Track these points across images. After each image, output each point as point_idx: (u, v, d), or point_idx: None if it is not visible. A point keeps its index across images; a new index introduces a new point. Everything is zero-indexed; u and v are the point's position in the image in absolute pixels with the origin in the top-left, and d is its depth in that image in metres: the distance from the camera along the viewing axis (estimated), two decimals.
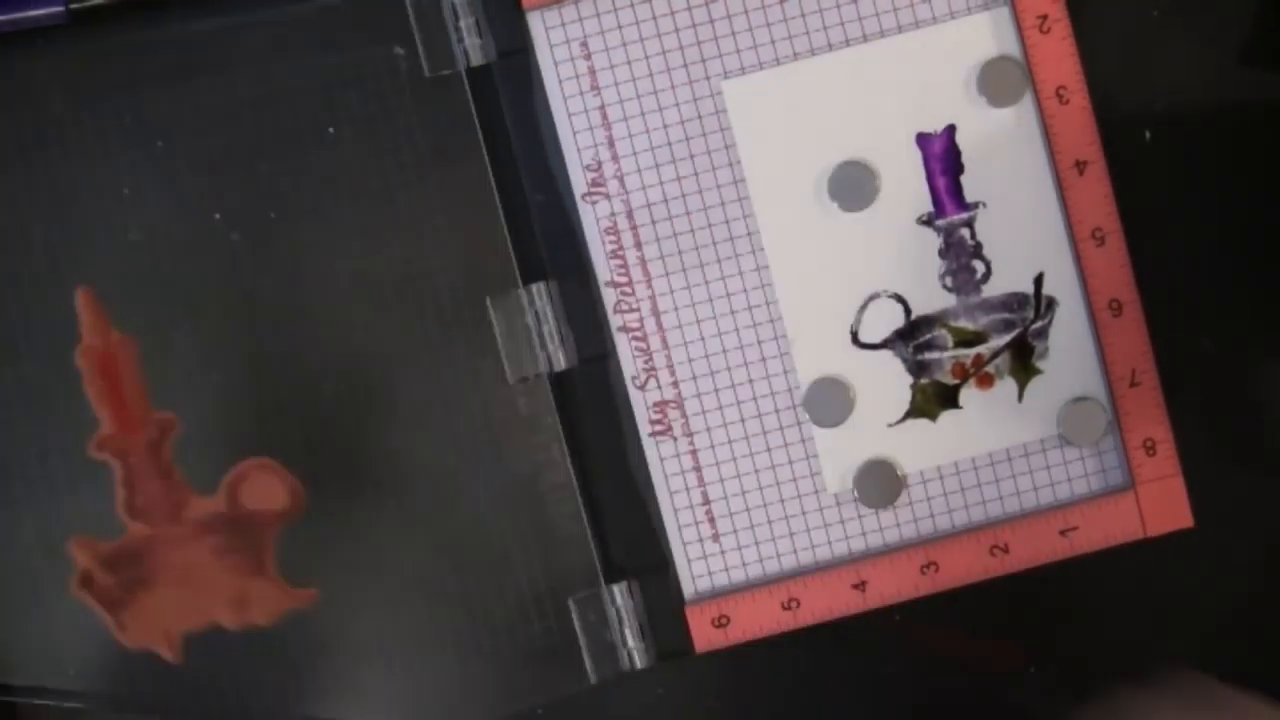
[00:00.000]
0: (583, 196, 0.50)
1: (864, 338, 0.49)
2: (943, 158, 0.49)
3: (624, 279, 0.50)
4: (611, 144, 0.49)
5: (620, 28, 0.49)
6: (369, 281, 0.50)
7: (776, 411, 0.50)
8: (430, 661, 0.50)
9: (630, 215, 0.49)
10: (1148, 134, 0.50)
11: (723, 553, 0.50)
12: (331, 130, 0.50)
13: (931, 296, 0.49)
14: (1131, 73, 0.44)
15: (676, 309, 0.50)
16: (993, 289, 0.49)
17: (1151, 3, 0.50)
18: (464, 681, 0.50)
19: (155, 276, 0.49)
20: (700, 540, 0.50)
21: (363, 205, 0.50)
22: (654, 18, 0.49)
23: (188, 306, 0.50)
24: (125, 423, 0.49)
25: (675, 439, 0.50)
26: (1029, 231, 0.49)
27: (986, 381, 0.49)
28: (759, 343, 0.50)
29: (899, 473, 0.49)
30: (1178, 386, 0.49)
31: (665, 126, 0.49)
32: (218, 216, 0.50)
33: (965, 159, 0.49)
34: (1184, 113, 0.49)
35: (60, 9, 0.49)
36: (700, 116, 0.49)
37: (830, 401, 0.49)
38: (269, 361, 0.50)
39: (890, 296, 0.49)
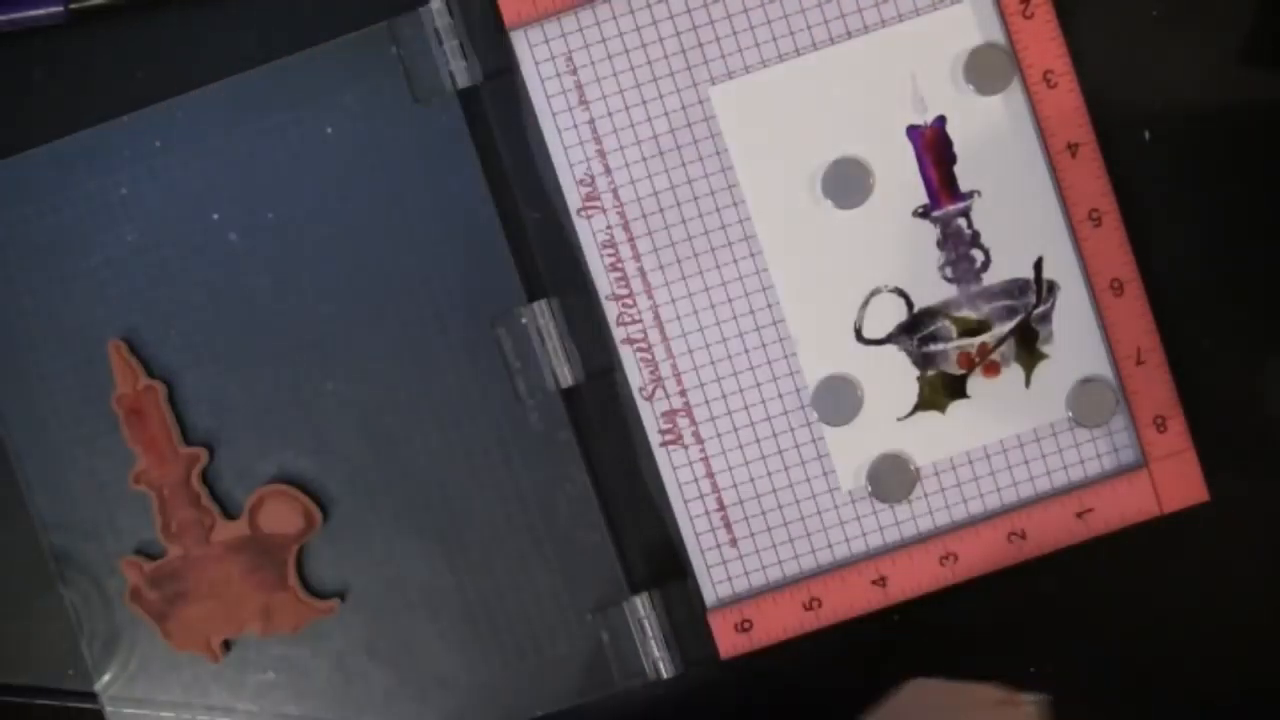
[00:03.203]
0: (578, 211, 0.50)
1: (868, 334, 0.49)
2: (934, 149, 0.48)
3: (624, 291, 0.50)
4: (603, 157, 0.49)
5: (604, 40, 0.49)
6: (370, 292, 0.50)
7: (785, 413, 0.50)
8: (459, 674, 0.51)
9: (626, 227, 0.50)
10: (1147, 134, 0.49)
11: (741, 557, 0.50)
12: (330, 130, 0.50)
13: (933, 288, 0.49)
14: (1130, 73, 0.44)
15: (679, 318, 0.50)
16: (993, 277, 0.49)
17: (1150, 2, 0.49)
18: (491, 692, 0.51)
19: (153, 275, 0.51)
20: (718, 546, 0.50)
21: (361, 209, 0.50)
22: (637, 28, 0.49)
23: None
24: (157, 460, 0.51)
25: (686, 447, 0.50)
26: (1026, 217, 0.49)
27: (993, 370, 0.49)
28: (763, 345, 0.50)
29: (912, 466, 0.49)
30: (1186, 363, 0.49)
31: (655, 136, 0.49)
32: (216, 217, 0.50)
33: (957, 149, 0.48)
34: (1183, 112, 0.49)
35: (60, 9, 0.49)
36: (690, 124, 0.49)
37: (838, 399, 0.49)
38: (283, 391, 0.51)
39: (891, 291, 0.49)
